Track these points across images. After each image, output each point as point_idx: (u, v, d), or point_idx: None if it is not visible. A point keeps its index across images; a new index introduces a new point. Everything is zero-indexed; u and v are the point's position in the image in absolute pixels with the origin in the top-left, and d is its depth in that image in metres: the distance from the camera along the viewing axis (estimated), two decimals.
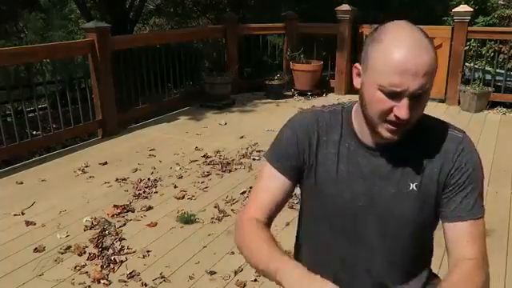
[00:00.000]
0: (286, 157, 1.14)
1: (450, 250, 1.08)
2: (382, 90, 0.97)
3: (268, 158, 1.18)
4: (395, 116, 0.98)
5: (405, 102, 0.96)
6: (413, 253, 1.14)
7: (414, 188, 1.07)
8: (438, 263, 2.32)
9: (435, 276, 1.26)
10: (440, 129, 1.10)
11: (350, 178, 1.10)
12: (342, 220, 1.13)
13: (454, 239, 1.07)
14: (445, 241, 1.10)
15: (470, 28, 5.75)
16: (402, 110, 0.96)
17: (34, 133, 4.59)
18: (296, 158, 1.13)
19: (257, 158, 3.99)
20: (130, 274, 2.38)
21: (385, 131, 1.02)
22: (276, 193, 1.14)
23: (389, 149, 1.07)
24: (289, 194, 1.16)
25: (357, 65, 1.05)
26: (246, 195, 3.23)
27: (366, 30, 6.27)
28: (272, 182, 1.15)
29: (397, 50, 0.94)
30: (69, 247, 2.63)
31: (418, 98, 0.97)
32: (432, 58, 0.95)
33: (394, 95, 0.96)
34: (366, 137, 1.09)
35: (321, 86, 6.47)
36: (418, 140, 1.07)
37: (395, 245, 1.12)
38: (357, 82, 1.06)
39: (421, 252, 1.18)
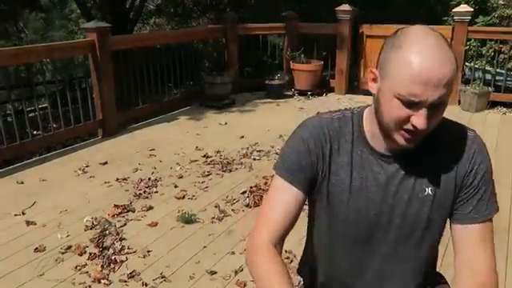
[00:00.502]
0: (299, 169, 1.09)
1: (458, 250, 1.07)
2: (399, 99, 0.93)
3: (279, 172, 1.11)
4: (413, 125, 0.94)
5: (423, 111, 0.92)
6: (424, 255, 1.14)
7: (430, 192, 1.05)
8: (438, 262, 2.32)
9: (441, 276, 1.26)
10: (452, 129, 1.08)
11: (364, 186, 1.08)
12: (355, 229, 1.11)
13: (464, 240, 1.06)
14: (453, 241, 1.09)
15: (470, 28, 5.75)
16: (420, 119, 0.93)
17: (35, 133, 4.59)
18: (309, 170, 1.09)
19: (257, 157, 3.99)
20: (130, 273, 2.38)
21: (400, 139, 0.98)
22: (290, 208, 1.08)
23: (402, 154, 1.05)
24: (302, 207, 1.11)
25: (373, 70, 1.02)
26: (246, 195, 3.23)
27: (366, 30, 6.27)
28: (285, 196, 1.09)
29: (418, 59, 0.90)
30: (69, 247, 2.63)
31: (436, 108, 0.94)
32: (454, 67, 0.91)
33: (413, 104, 0.92)
34: (379, 143, 1.06)
35: (321, 86, 6.47)
36: (431, 142, 1.04)
37: (408, 249, 1.11)
38: (372, 88, 1.02)
39: (431, 254, 1.18)
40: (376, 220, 1.08)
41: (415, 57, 0.90)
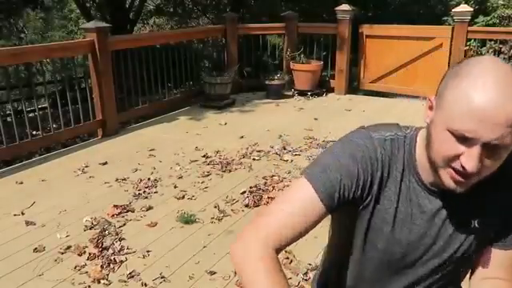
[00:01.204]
0: (339, 189, 0.96)
1: (478, 270, 1.05)
2: (451, 132, 0.83)
3: (312, 180, 0.96)
4: (462, 166, 0.84)
5: (475, 150, 0.81)
6: (451, 279, 1.11)
7: (476, 225, 0.99)
8: None
9: None
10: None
11: (409, 219, 1.01)
12: (389, 257, 1.06)
13: (489, 263, 1.03)
14: (481, 261, 1.06)
15: (470, 28, 5.75)
16: (469, 159, 0.82)
17: (34, 133, 4.59)
18: (350, 194, 0.97)
19: (257, 158, 3.99)
20: (129, 273, 2.38)
21: (448, 179, 0.88)
22: (307, 223, 0.95)
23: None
24: (317, 225, 0.99)
25: (431, 98, 0.92)
26: (245, 195, 3.23)
27: (366, 30, 6.28)
28: (307, 208, 0.95)
29: (480, 91, 0.79)
30: (69, 247, 2.63)
31: (492, 150, 0.82)
32: None
33: (464, 140, 0.82)
34: (428, 174, 0.96)
35: (321, 86, 6.47)
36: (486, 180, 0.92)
37: (437, 277, 1.08)
38: (427, 117, 0.92)
39: (459, 278, 1.15)
40: (414, 251, 1.04)
41: (477, 88, 0.80)
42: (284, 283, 0.90)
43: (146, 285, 2.31)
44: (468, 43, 5.89)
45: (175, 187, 3.44)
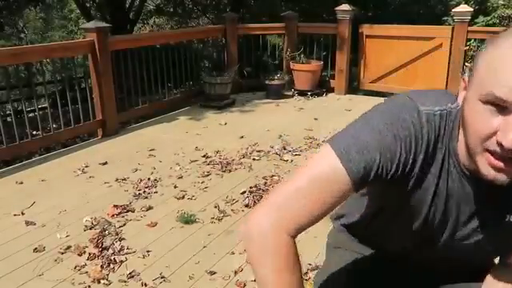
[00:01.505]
0: (376, 168, 0.84)
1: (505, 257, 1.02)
2: (483, 102, 0.73)
3: (344, 159, 0.84)
4: (498, 143, 0.72)
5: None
6: (483, 261, 1.09)
7: (511, 220, 0.90)
8: None
9: None
10: None
11: (442, 204, 0.92)
12: (417, 238, 1.00)
13: None
14: None
15: (470, 28, 5.74)
16: (506, 132, 0.70)
17: (34, 133, 4.59)
18: (387, 174, 0.85)
19: (257, 158, 3.99)
20: (129, 273, 2.38)
21: (485, 165, 0.76)
22: (331, 202, 0.85)
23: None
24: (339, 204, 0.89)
25: (464, 77, 0.83)
26: (245, 195, 3.23)
27: (366, 30, 6.27)
28: (333, 185, 0.84)
29: (510, 53, 0.71)
30: (69, 247, 2.63)
31: None
32: None
33: (499, 109, 0.71)
34: (467, 160, 0.85)
35: (321, 86, 6.46)
36: None
37: (468, 261, 1.06)
38: (460, 97, 0.83)
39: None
40: (441, 232, 0.97)
41: (510, 52, 0.71)
42: (294, 281, 0.83)
43: (145, 285, 2.31)
44: (468, 43, 5.89)
45: (175, 187, 3.44)
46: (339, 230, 1.25)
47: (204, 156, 4.06)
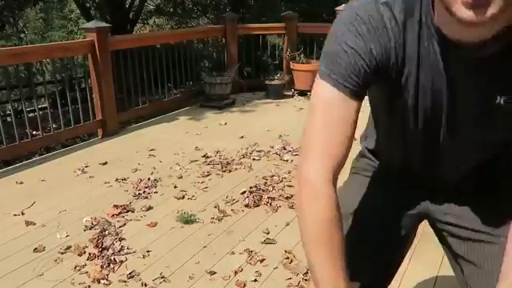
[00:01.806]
0: (359, 73, 0.86)
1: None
2: None
3: (332, 78, 0.88)
4: None
5: None
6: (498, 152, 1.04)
7: (502, 103, 0.86)
8: (438, 262, 2.32)
9: None
10: None
11: (429, 85, 0.89)
12: (421, 134, 0.98)
13: None
14: None
15: None
16: None
17: (34, 133, 4.59)
18: (367, 68, 0.86)
19: (257, 158, 3.99)
20: (129, 274, 2.38)
21: (460, 8, 0.71)
22: (348, 130, 0.88)
23: (478, 46, 0.81)
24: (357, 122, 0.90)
25: None
26: (245, 195, 3.23)
27: None
28: (341, 112, 0.88)
29: None
30: (69, 247, 2.63)
31: None
32: None
33: None
34: (449, 27, 0.81)
35: None
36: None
37: (476, 156, 1.03)
38: None
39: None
40: (435, 120, 0.94)
41: None
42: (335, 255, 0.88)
43: (145, 285, 2.31)
44: None
45: (175, 187, 3.44)
46: (361, 155, 1.29)
47: (204, 156, 4.06)
